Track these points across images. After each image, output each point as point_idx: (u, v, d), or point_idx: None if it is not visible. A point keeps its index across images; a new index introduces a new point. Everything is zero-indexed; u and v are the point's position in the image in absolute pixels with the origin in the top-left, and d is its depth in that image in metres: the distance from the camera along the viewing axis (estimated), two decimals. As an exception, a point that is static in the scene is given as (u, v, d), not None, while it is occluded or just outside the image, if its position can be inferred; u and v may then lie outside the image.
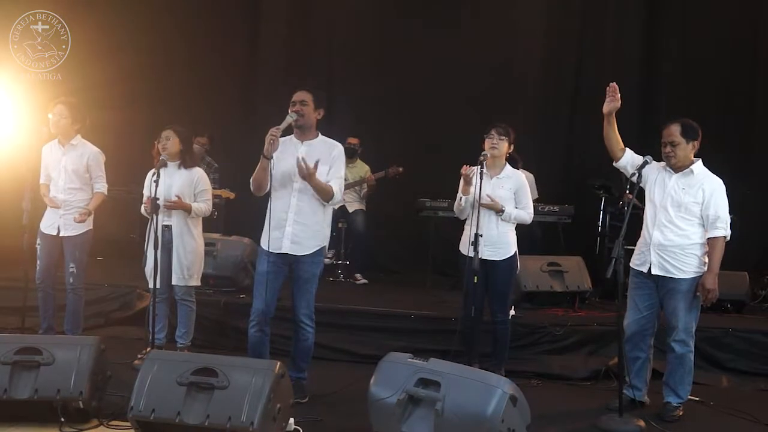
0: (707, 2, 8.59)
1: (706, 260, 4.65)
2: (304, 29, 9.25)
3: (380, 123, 8.86)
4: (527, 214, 5.31)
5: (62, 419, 4.08)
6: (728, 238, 4.64)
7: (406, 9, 8.93)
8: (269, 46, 9.29)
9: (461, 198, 5.26)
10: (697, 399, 5.12)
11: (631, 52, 8.71)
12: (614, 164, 4.90)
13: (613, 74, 8.44)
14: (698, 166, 4.71)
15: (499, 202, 5.18)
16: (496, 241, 5.20)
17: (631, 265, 4.88)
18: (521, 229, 5.44)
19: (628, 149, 4.84)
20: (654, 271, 4.71)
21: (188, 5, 9.11)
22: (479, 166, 5.10)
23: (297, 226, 4.63)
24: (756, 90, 8.50)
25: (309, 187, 4.60)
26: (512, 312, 5.94)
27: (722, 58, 8.46)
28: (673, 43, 8.70)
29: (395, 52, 8.96)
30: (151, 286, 5.25)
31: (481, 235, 5.02)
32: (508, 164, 5.38)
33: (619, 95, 4.64)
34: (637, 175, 4.62)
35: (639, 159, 4.78)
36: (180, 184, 5.40)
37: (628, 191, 6.60)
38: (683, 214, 4.66)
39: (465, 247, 5.27)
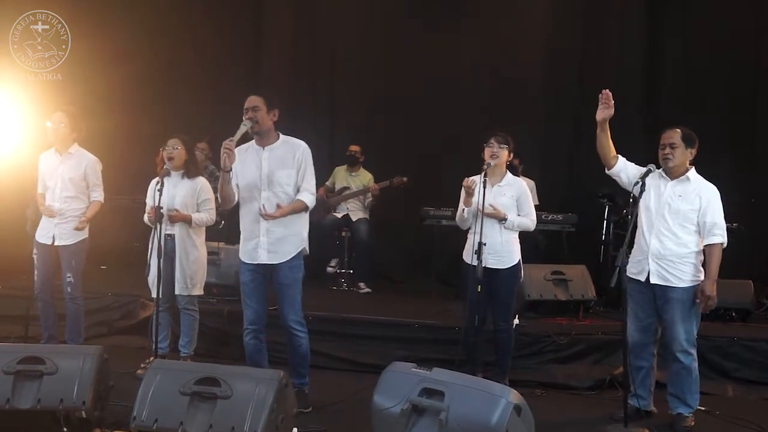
0: (708, 6, 8.56)
1: (701, 268, 4.66)
2: (309, 32, 9.24)
3: (383, 131, 8.87)
4: (530, 221, 5.29)
5: (65, 429, 4.06)
6: (725, 244, 4.65)
7: (408, 17, 8.93)
8: (274, 51, 9.29)
9: (463, 209, 5.25)
10: (703, 408, 5.09)
11: (634, 58, 8.70)
12: (607, 172, 4.90)
13: (616, 80, 8.50)
14: (693, 173, 4.74)
15: (501, 210, 5.17)
16: (499, 249, 5.18)
17: (627, 273, 4.86)
18: (524, 236, 5.41)
19: (620, 157, 4.84)
20: (653, 281, 4.70)
21: (191, 5, 9.09)
22: (482, 175, 5.08)
23: (271, 235, 4.58)
24: (757, 92, 8.48)
25: (278, 194, 4.56)
26: (516, 321, 5.93)
27: (724, 62, 8.43)
28: (676, 46, 8.68)
29: (398, 60, 8.96)
30: (153, 295, 5.25)
31: (485, 244, 5.01)
32: (508, 172, 5.38)
33: (612, 102, 4.64)
34: (640, 183, 4.61)
35: (633, 167, 4.80)
36: (183, 194, 5.41)
37: (631, 200, 6.58)
38: (681, 222, 4.66)
39: (468, 256, 5.26)
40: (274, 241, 4.58)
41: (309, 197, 4.64)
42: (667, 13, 8.71)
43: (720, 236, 4.63)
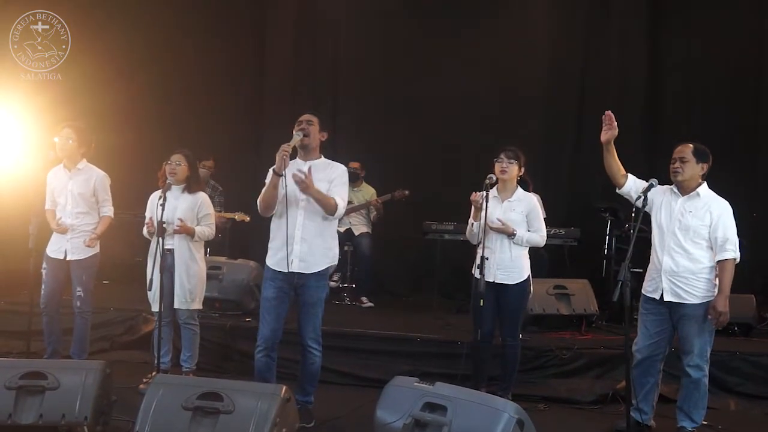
0: (710, 10, 8.57)
1: (716, 283, 4.63)
2: (311, 46, 9.28)
3: (385, 145, 8.88)
4: (540, 237, 5.27)
5: (66, 444, 4.07)
6: (738, 260, 4.62)
7: (410, 30, 8.96)
8: (276, 72, 9.29)
9: (472, 224, 5.25)
10: (705, 423, 5.08)
11: (635, 62, 8.73)
12: (618, 191, 4.89)
13: (618, 84, 8.55)
14: (704, 188, 4.71)
15: (510, 226, 5.15)
16: (508, 264, 5.17)
17: (642, 291, 4.86)
18: (531, 251, 5.40)
19: (630, 175, 4.84)
20: (666, 298, 4.68)
21: (191, 6, 9.08)
22: (485, 190, 5.09)
23: (305, 245, 4.63)
24: (760, 93, 8.49)
25: (315, 205, 4.61)
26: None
27: (726, 65, 8.44)
28: (678, 49, 8.71)
29: (400, 74, 8.98)
30: (154, 309, 5.25)
31: (487, 259, 5.01)
32: (519, 187, 5.35)
33: (615, 123, 4.65)
34: (642, 198, 4.60)
35: (642, 183, 4.77)
36: (184, 207, 5.41)
37: (633, 214, 6.58)
38: (692, 237, 4.64)
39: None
40: (308, 251, 4.63)
41: (341, 201, 4.70)
42: (669, 17, 8.73)
43: (732, 251, 4.59)
